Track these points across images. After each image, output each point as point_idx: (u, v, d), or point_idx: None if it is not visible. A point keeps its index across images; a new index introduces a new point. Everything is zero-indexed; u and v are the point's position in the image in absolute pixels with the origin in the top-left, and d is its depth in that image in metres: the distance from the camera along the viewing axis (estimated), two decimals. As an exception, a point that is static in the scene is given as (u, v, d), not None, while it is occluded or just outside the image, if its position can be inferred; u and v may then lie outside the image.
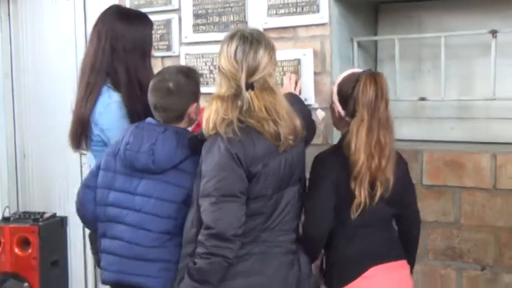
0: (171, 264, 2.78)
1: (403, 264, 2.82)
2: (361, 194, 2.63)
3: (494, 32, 3.12)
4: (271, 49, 2.56)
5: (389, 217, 2.83)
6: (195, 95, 2.92)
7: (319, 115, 3.30)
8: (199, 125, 2.91)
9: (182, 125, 2.92)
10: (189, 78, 2.91)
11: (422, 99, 3.37)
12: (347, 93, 2.70)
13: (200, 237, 2.41)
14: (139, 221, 2.78)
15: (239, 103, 2.46)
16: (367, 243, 2.77)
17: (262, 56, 2.50)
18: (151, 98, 2.84)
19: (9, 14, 4.92)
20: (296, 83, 3.27)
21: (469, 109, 3.41)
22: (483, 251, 3.11)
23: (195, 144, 2.63)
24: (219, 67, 2.57)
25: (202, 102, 3.60)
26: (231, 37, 2.54)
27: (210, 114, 2.47)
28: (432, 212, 3.19)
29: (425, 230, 3.18)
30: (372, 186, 2.64)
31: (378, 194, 2.65)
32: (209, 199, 2.40)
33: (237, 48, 2.49)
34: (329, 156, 2.78)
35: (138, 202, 2.80)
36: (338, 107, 2.76)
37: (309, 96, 3.34)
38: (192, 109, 2.89)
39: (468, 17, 3.35)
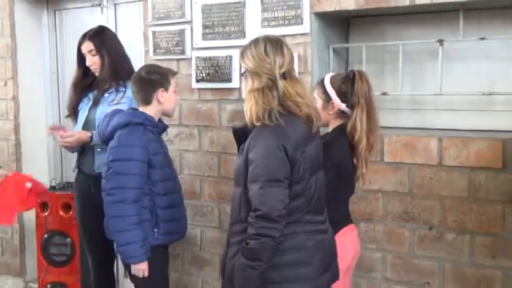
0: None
1: (354, 225, 2.90)
2: (363, 167, 2.70)
3: (441, 41, 3.14)
4: (290, 49, 2.46)
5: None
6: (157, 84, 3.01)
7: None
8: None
9: (151, 108, 3.03)
10: (148, 73, 3.03)
11: (384, 94, 3.36)
12: (346, 89, 2.67)
13: (250, 219, 2.28)
14: None
15: (274, 93, 2.34)
16: (344, 208, 2.83)
17: (286, 52, 2.40)
18: None
19: (55, 24, 4.91)
20: None
21: (421, 102, 3.41)
22: (430, 214, 3.11)
23: (241, 133, 2.50)
24: (247, 70, 2.41)
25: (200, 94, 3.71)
26: (256, 41, 2.43)
27: (251, 106, 2.34)
28: (391, 184, 3.19)
29: (386, 197, 3.21)
30: (367, 159, 2.71)
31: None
32: (257, 184, 2.26)
33: (265, 46, 2.37)
34: (332, 144, 2.69)
35: None
36: (338, 102, 2.69)
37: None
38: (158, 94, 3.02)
39: (421, 29, 3.34)
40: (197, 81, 3.73)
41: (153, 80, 3.01)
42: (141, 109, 3.03)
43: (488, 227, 2.97)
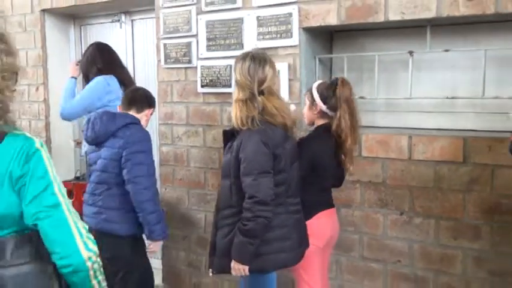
0: (102, 209, 3.00)
1: (334, 210, 2.99)
2: (350, 163, 2.82)
3: (411, 52, 3.19)
4: (273, 65, 2.63)
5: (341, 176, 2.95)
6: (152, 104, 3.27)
7: (291, 108, 3.35)
8: None
9: (138, 116, 3.19)
10: (149, 95, 3.29)
11: (362, 97, 3.40)
12: (328, 94, 2.77)
13: (246, 205, 2.46)
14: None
15: (255, 105, 2.51)
16: (321, 195, 2.90)
17: (268, 70, 2.57)
18: None
19: (80, 37, 4.99)
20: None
21: (394, 105, 3.45)
22: (401, 201, 3.17)
23: (229, 134, 2.68)
24: (235, 80, 2.60)
25: (204, 97, 3.77)
26: (244, 58, 2.59)
27: (237, 112, 2.53)
28: (367, 175, 3.24)
29: (363, 187, 3.26)
30: (352, 155, 2.83)
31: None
32: (250, 177, 2.44)
33: (249, 66, 2.54)
34: (311, 140, 2.84)
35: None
36: (320, 104, 2.79)
37: (285, 95, 3.39)
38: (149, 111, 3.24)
39: (394, 41, 3.39)
40: (202, 86, 3.79)
41: (151, 99, 3.28)
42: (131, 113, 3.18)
43: (450, 212, 3.02)
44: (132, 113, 3.16)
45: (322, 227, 2.86)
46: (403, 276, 3.21)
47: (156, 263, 4.47)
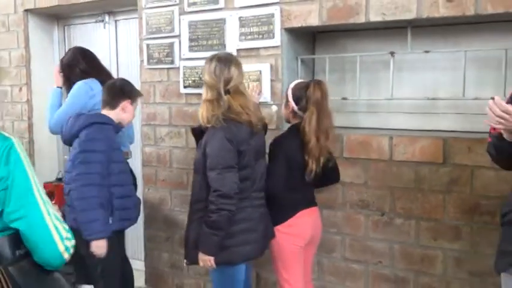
0: (72, 208, 2.97)
1: (316, 209, 3.02)
2: (313, 164, 2.79)
3: (392, 53, 3.19)
4: (239, 66, 2.73)
5: (320, 177, 2.92)
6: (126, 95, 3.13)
7: (273, 108, 3.36)
8: None
9: (113, 112, 3.11)
10: (122, 84, 3.19)
11: (345, 98, 3.40)
12: (300, 95, 2.82)
13: (211, 198, 2.57)
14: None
15: (221, 104, 2.62)
16: (300, 195, 2.90)
17: (233, 71, 2.66)
18: None
19: (64, 37, 4.95)
20: (259, 93, 3.33)
21: (376, 106, 3.45)
22: (382, 202, 3.16)
23: (198, 132, 2.78)
24: (204, 81, 2.71)
25: (187, 98, 3.78)
26: (211, 60, 2.70)
27: (202, 112, 2.64)
28: (349, 176, 3.23)
29: (345, 188, 3.26)
30: (319, 158, 2.79)
31: (321, 162, 2.82)
32: (215, 171, 2.56)
33: (215, 67, 2.65)
34: (284, 139, 2.90)
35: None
36: (292, 104, 2.85)
37: (267, 95, 3.40)
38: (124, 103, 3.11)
39: (375, 42, 3.38)
40: (184, 87, 3.77)
41: (126, 90, 3.15)
42: (103, 112, 3.12)
43: (430, 213, 3.02)
44: (106, 111, 3.11)
45: (302, 226, 2.87)
46: (384, 277, 3.20)
47: (138, 265, 4.45)
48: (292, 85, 2.92)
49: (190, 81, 3.74)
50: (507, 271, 2.15)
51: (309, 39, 3.62)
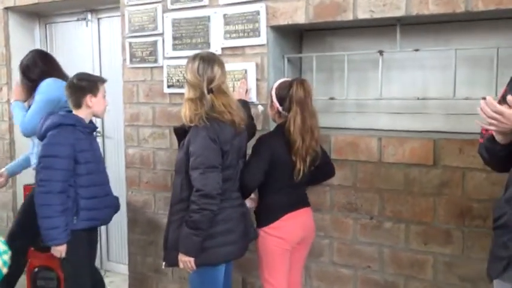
0: None
1: (307, 210, 2.96)
2: (300, 164, 2.74)
3: (381, 52, 3.11)
4: (222, 65, 2.69)
5: (308, 178, 2.90)
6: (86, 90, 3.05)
7: (259, 109, 3.28)
8: None
9: (81, 111, 3.07)
10: (79, 80, 3.07)
11: (332, 98, 3.32)
12: (284, 94, 2.76)
13: (193, 198, 2.52)
14: None
15: (204, 102, 2.58)
16: (287, 197, 2.85)
17: (216, 70, 2.63)
18: None
19: (46, 36, 4.84)
20: (247, 91, 3.27)
21: (364, 106, 3.37)
22: (371, 205, 3.08)
23: (181, 132, 2.71)
24: (186, 80, 2.67)
25: (171, 98, 3.69)
26: (194, 58, 2.66)
27: (185, 111, 2.60)
28: (337, 178, 3.14)
29: (332, 190, 3.18)
30: (306, 158, 2.75)
31: (308, 162, 2.78)
32: (198, 170, 2.51)
33: (198, 66, 2.62)
34: (270, 137, 2.85)
35: None
36: (277, 105, 2.81)
37: (252, 95, 3.31)
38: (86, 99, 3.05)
39: (363, 41, 3.30)
40: (168, 86, 3.68)
41: (83, 86, 3.07)
42: (74, 112, 3.09)
43: (421, 216, 2.94)
44: (75, 111, 3.08)
45: (288, 229, 2.83)
46: (374, 282, 3.12)
47: (122, 269, 4.37)
48: (275, 85, 2.87)
49: (174, 81, 3.64)
50: (500, 277, 2.07)
51: (295, 37, 3.53)
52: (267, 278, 2.85)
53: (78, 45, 4.59)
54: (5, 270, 1.71)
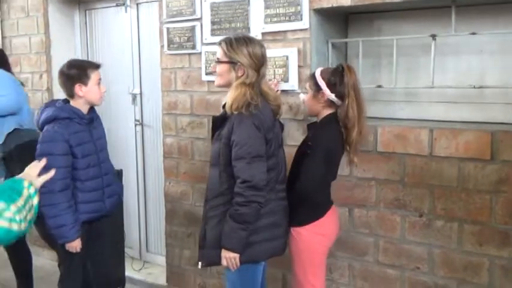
0: None
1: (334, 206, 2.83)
2: (353, 154, 2.65)
3: (434, 36, 2.91)
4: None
5: None
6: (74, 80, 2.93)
7: (301, 97, 3.08)
8: None
9: (76, 101, 2.98)
10: (68, 68, 2.95)
11: (379, 86, 3.16)
12: (335, 81, 2.57)
13: (238, 190, 2.39)
14: None
15: (256, 89, 2.48)
16: (329, 190, 2.75)
17: (264, 52, 2.55)
18: None
19: (86, 22, 4.77)
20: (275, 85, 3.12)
21: (414, 95, 3.19)
22: (421, 202, 2.89)
23: (219, 122, 2.55)
24: (240, 63, 2.46)
25: (209, 86, 3.58)
26: (249, 41, 2.51)
27: (237, 95, 2.42)
28: (384, 172, 2.97)
29: (378, 185, 3.00)
30: (357, 147, 2.65)
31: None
32: (244, 160, 2.38)
33: (262, 50, 2.51)
34: (326, 135, 2.62)
35: None
36: (327, 92, 2.59)
37: (294, 83, 3.16)
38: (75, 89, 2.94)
39: (414, 24, 3.11)
40: (206, 74, 3.55)
41: (71, 75, 2.96)
42: (71, 102, 3.01)
43: (476, 215, 2.74)
44: (71, 101, 3.01)
45: (332, 225, 2.75)
46: (422, 285, 2.94)
47: (160, 261, 4.29)
48: (317, 73, 2.66)
49: (212, 68, 3.49)
50: None
51: (340, 21, 3.36)
52: (311, 280, 2.67)
53: (118, 32, 4.51)
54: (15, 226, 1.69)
